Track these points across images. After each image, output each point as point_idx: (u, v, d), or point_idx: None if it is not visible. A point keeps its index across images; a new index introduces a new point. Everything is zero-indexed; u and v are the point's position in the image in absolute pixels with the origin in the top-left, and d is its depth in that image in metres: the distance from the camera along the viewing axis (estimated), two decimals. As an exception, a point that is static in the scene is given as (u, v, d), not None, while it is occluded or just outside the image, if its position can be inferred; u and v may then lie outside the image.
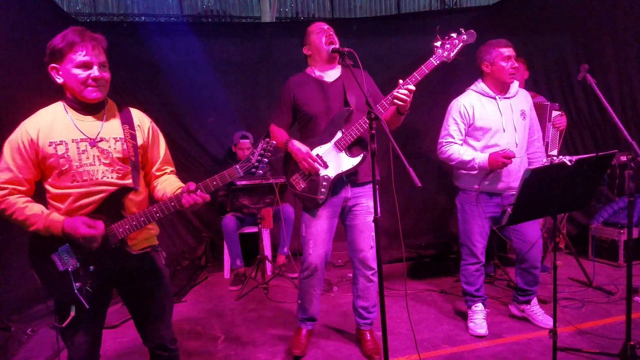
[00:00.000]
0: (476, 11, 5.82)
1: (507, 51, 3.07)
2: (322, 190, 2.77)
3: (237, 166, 1.96)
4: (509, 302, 3.54)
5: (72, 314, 1.89)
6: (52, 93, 1.98)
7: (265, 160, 1.99)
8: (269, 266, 4.66)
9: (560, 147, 4.26)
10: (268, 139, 2.01)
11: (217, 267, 5.07)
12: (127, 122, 2.02)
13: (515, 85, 3.22)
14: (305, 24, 3.07)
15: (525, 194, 2.22)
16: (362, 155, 2.79)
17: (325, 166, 2.76)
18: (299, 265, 3.06)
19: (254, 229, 4.69)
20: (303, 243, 2.95)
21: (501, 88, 3.15)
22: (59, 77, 1.89)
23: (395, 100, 2.57)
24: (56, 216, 1.86)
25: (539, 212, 2.59)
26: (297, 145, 2.78)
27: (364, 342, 3.04)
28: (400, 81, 2.57)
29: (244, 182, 4.34)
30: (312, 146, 2.78)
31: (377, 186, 2.16)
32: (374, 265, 2.94)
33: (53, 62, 1.88)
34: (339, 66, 2.93)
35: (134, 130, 2.02)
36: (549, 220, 4.41)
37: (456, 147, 3.14)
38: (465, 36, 2.69)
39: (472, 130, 3.15)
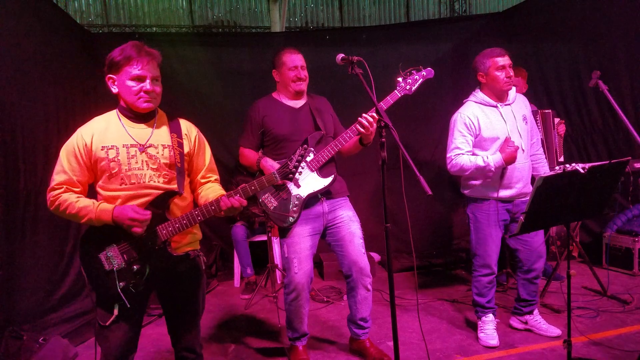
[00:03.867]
0: (486, 18, 5.79)
1: (502, 60, 3.05)
2: (294, 209, 2.82)
3: (275, 172, 2.05)
4: (511, 315, 3.47)
5: (116, 312, 1.98)
6: (64, 100, 2.02)
7: (303, 166, 2.04)
8: (278, 275, 4.66)
9: (573, 153, 4.26)
10: (306, 146, 2.07)
11: (227, 276, 5.07)
12: (176, 131, 2.14)
13: (513, 92, 3.21)
14: (315, 34, 3.11)
15: (537, 202, 2.20)
16: (332, 176, 2.89)
17: (297, 185, 2.80)
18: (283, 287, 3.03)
19: (264, 238, 4.69)
20: (287, 263, 2.92)
21: (499, 96, 3.14)
22: (114, 87, 2.03)
23: (358, 127, 2.69)
24: (106, 205, 1.97)
25: (552, 221, 2.56)
26: (270, 162, 2.85)
27: (367, 351, 3.02)
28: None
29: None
30: None
31: (385, 194, 2.15)
32: (370, 271, 2.98)
33: (110, 73, 2.02)
34: (305, 96, 3.04)
35: (182, 138, 2.13)
36: (562, 228, 4.37)
37: (466, 157, 3.08)
38: (424, 72, 2.90)
39: (479, 141, 3.11)
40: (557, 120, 4.17)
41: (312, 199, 2.88)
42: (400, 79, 2.85)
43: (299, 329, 3.01)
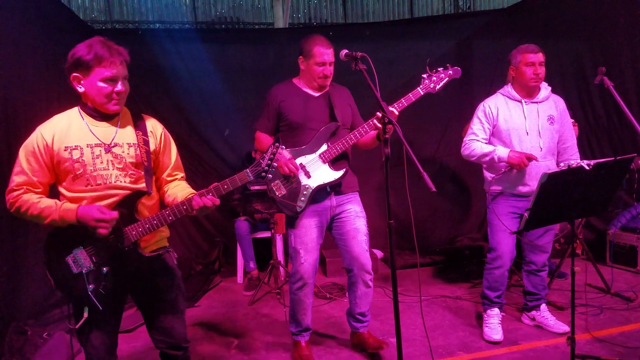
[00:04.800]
0: (490, 15, 5.77)
1: (533, 57, 3.06)
2: (302, 199, 2.80)
3: (248, 170, 2.00)
4: (521, 312, 3.49)
5: (86, 315, 1.93)
6: (68, 98, 2.01)
7: (275, 165, 2.01)
8: (282, 271, 4.66)
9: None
10: (277, 144, 2.03)
11: (230, 272, 5.07)
12: (141, 128, 2.07)
13: (545, 91, 3.21)
14: (318, 30, 3.07)
15: (542, 198, 2.19)
16: (344, 169, 2.85)
17: (308, 176, 2.79)
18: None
19: (267, 234, 4.69)
20: (293, 253, 2.93)
21: (527, 92, 3.15)
22: (80, 86, 1.93)
23: (375, 121, 2.62)
24: (69, 205, 1.90)
25: (556, 217, 2.55)
26: (283, 151, 2.80)
27: (365, 340, 3.04)
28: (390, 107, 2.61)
29: (257, 187, 4.35)
30: (297, 155, 2.81)
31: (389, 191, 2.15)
32: (371, 269, 2.97)
33: (76, 72, 1.91)
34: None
35: (147, 136, 2.07)
36: (566, 225, 4.35)
37: (478, 143, 3.16)
38: (451, 71, 2.80)
39: (496, 132, 3.17)
40: (571, 121, 4.12)
41: (322, 193, 2.86)
42: (425, 76, 2.74)
43: (302, 321, 3.01)
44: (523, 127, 3.10)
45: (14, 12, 3.28)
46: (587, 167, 2.16)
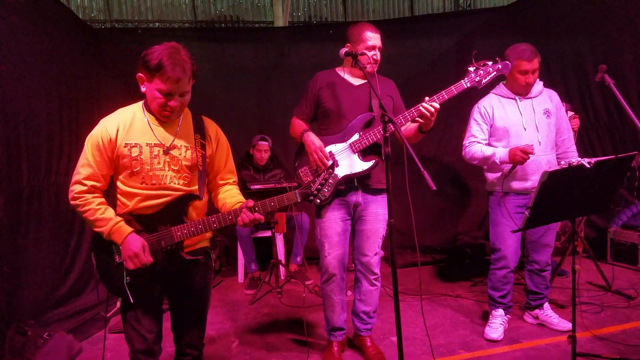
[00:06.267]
0: (491, 13, 5.75)
1: (527, 65, 3.02)
2: (327, 188, 2.75)
3: (297, 192, 2.05)
4: (523, 310, 3.49)
5: (118, 304, 1.96)
6: (67, 95, 2.01)
7: (325, 190, 2.04)
8: (282, 270, 4.65)
9: (578, 149, 4.20)
10: (331, 170, 2.05)
11: (231, 272, 5.08)
12: (199, 131, 2.10)
13: (537, 86, 3.20)
14: (318, 28, 3.05)
15: (542, 196, 2.18)
16: (374, 160, 2.76)
17: (336, 165, 2.75)
18: (316, 273, 3.04)
19: (268, 233, 4.69)
20: (319, 246, 2.94)
21: (519, 91, 3.15)
22: (143, 86, 1.97)
23: (414, 113, 2.55)
24: (124, 227, 1.93)
25: (557, 216, 2.54)
26: (312, 137, 2.76)
27: (366, 349, 3.00)
28: (427, 98, 2.54)
29: (257, 187, 4.35)
30: (327, 143, 2.76)
31: (390, 189, 2.14)
32: (377, 270, 2.96)
33: (141, 72, 1.94)
34: None
35: (204, 140, 2.11)
36: (567, 223, 4.35)
37: (478, 145, 3.16)
38: (500, 65, 2.67)
39: (493, 131, 3.17)
40: (570, 114, 4.12)
41: (349, 186, 2.82)
42: (471, 69, 2.63)
43: (330, 319, 3.00)
44: (520, 123, 3.09)
45: (12, 12, 3.27)
46: (588, 165, 2.15)
